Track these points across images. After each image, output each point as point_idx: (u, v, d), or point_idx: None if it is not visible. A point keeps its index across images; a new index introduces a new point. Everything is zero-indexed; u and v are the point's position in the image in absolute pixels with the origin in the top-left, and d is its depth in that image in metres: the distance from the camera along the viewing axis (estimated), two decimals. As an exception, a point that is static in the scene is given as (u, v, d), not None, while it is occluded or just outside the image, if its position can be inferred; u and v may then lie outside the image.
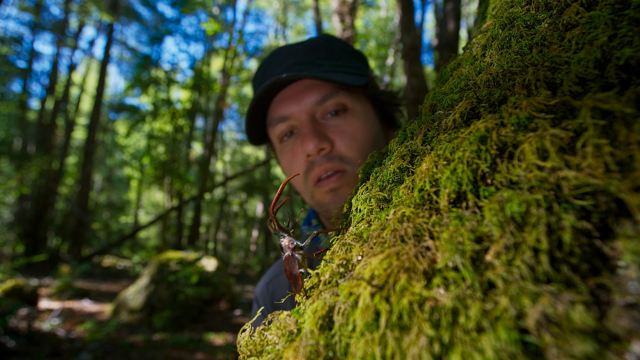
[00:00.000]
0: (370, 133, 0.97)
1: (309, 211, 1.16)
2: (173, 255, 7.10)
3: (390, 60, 14.58)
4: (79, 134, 21.26)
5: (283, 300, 0.49)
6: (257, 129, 1.06)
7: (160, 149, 11.29)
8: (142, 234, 20.56)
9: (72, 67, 16.29)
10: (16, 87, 17.02)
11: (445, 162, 0.38)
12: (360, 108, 0.98)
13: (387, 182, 0.47)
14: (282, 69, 0.97)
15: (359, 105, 0.99)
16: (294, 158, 0.98)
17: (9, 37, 15.33)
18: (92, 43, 19.04)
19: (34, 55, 16.59)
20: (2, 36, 15.15)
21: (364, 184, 0.52)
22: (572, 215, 0.27)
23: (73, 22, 16.82)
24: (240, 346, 0.42)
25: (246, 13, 17.19)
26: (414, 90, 4.78)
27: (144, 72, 11.95)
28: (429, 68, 12.33)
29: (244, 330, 0.43)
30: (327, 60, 0.98)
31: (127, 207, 22.11)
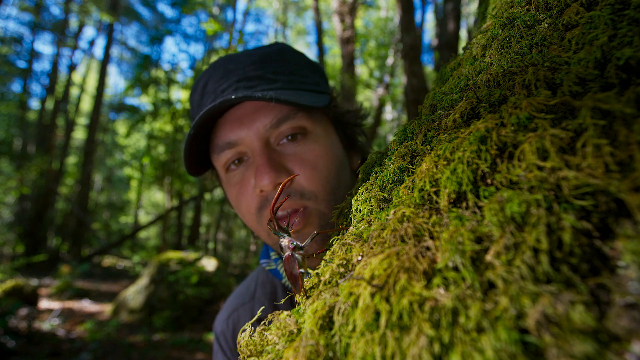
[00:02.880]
0: (333, 161, 0.85)
1: (265, 244, 1.03)
2: (173, 255, 7.11)
3: (390, 60, 14.57)
4: (79, 134, 21.27)
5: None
6: (196, 156, 0.90)
7: (160, 149, 11.30)
8: (142, 234, 20.55)
9: (72, 67, 16.31)
10: (16, 87, 17.05)
11: (445, 162, 0.38)
12: (321, 131, 0.86)
13: (387, 182, 0.47)
14: (228, 85, 0.85)
15: (320, 128, 0.87)
16: (242, 191, 0.85)
17: (9, 37, 15.34)
18: (92, 43, 19.08)
19: (34, 55, 16.60)
20: (2, 36, 15.16)
21: (364, 184, 0.52)
22: (572, 215, 0.27)
23: (73, 22, 16.84)
24: (240, 346, 0.42)
25: (246, 13, 17.20)
26: (414, 90, 4.78)
27: (144, 72, 11.94)
28: (429, 68, 12.33)
29: (244, 330, 0.43)
30: (281, 75, 0.86)
31: (127, 207, 22.11)
